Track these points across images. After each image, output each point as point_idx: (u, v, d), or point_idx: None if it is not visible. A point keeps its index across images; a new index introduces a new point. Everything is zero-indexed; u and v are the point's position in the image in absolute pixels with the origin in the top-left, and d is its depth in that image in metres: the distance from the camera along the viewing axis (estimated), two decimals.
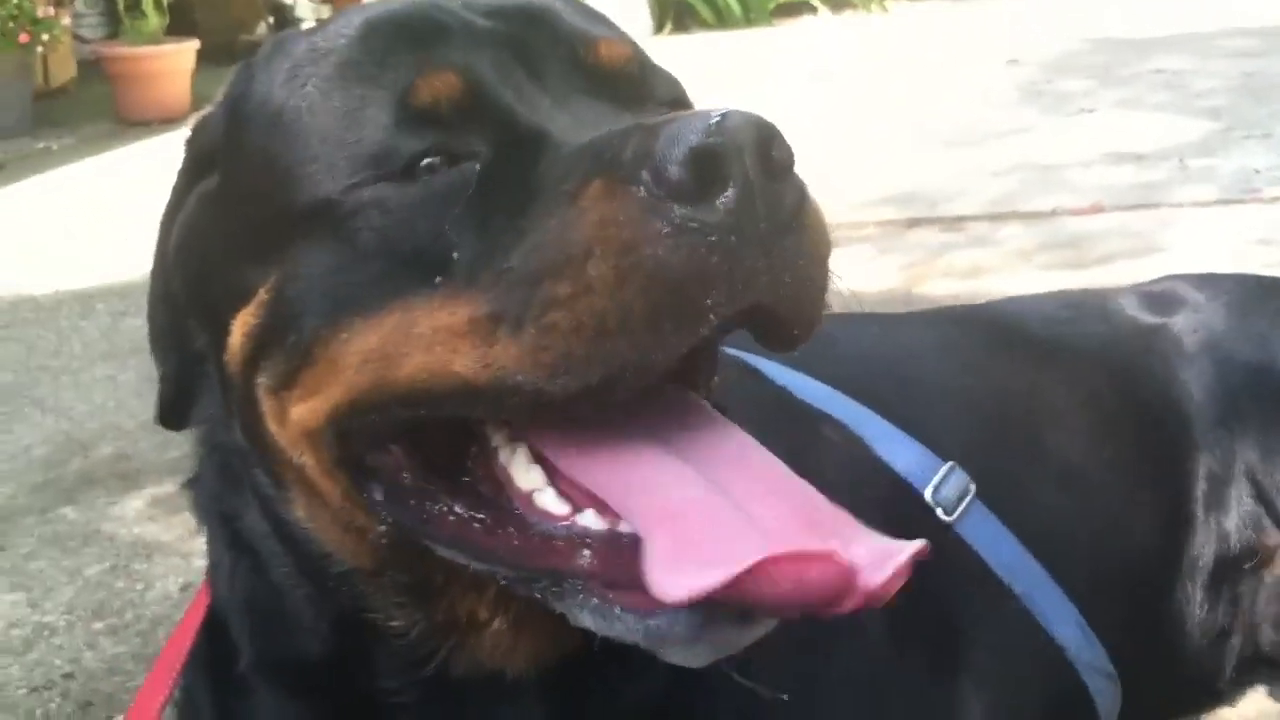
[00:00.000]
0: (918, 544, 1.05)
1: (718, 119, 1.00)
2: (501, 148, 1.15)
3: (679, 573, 1.02)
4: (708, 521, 1.07)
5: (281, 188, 1.22)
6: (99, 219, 5.85)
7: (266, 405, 1.25)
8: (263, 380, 1.24)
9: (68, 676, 2.39)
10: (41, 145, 7.94)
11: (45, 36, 8.32)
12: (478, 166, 1.15)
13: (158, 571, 2.73)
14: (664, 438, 1.16)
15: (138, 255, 1.24)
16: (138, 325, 1.29)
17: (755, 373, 1.74)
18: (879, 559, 1.04)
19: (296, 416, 1.22)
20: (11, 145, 7.89)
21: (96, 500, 3.11)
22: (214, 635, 1.49)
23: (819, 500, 1.12)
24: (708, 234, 0.99)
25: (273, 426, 1.25)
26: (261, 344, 1.23)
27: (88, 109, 8.83)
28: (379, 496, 1.22)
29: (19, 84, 8.38)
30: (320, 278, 1.18)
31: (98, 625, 2.56)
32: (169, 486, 3.10)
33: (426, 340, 1.10)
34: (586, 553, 1.10)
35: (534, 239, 1.06)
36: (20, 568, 2.82)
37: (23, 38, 8.10)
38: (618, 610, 1.07)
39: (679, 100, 1.31)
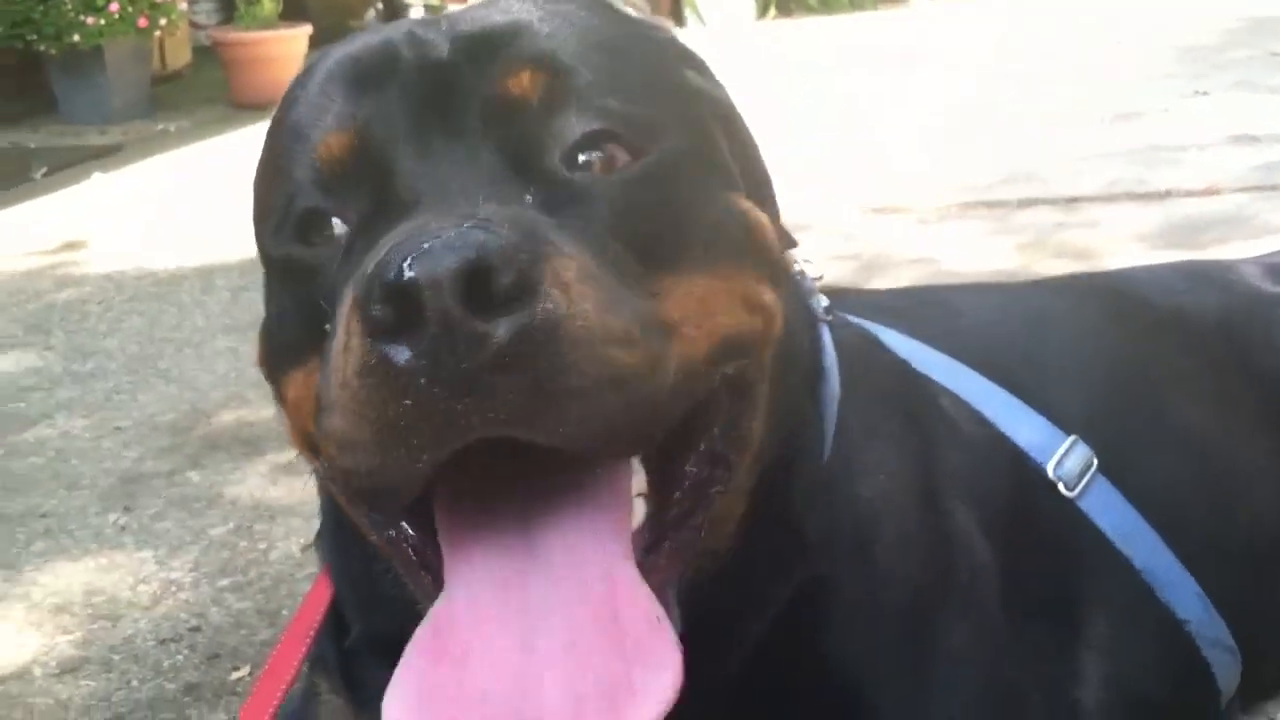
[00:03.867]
0: None
1: (418, 251, 0.95)
2: (368, 216, 1.15)
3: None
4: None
5: (258, 227, 1.30)
6: (215, 199, 5.97)
7: None
8: None
9: (194, 630, 2.47)
10: (159, 127, 8.13)
11: (163, 21, 8.49)
12: (347, 235, 1.18)
13: (279, 533, 2.80)
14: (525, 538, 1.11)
15: (252, 233, 1.29)
16: (257, 300, 1.35)
17: (876, 343, 1.74)
18: None
19: None
20: (131, 127, 8.10)
21: (220, 465, 3.19)
22: (336, 603, 1.55)
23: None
24: (397, 376, 0.96)
25: None
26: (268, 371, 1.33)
27: (202, 93, 9.02)
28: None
29: (137, 68, 8.58)
30: (274, 321, 1.28)
31: (223, 582, 2.63)
32: (289, 454, 3.18)
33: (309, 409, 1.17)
34: None
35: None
36: (148, 527, 2.91)
37: (141, 22, 8.29)
38: None
39: (606, 133, 1.19)
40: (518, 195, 1.11)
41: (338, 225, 1.18)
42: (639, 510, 1.16)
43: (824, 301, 1.53)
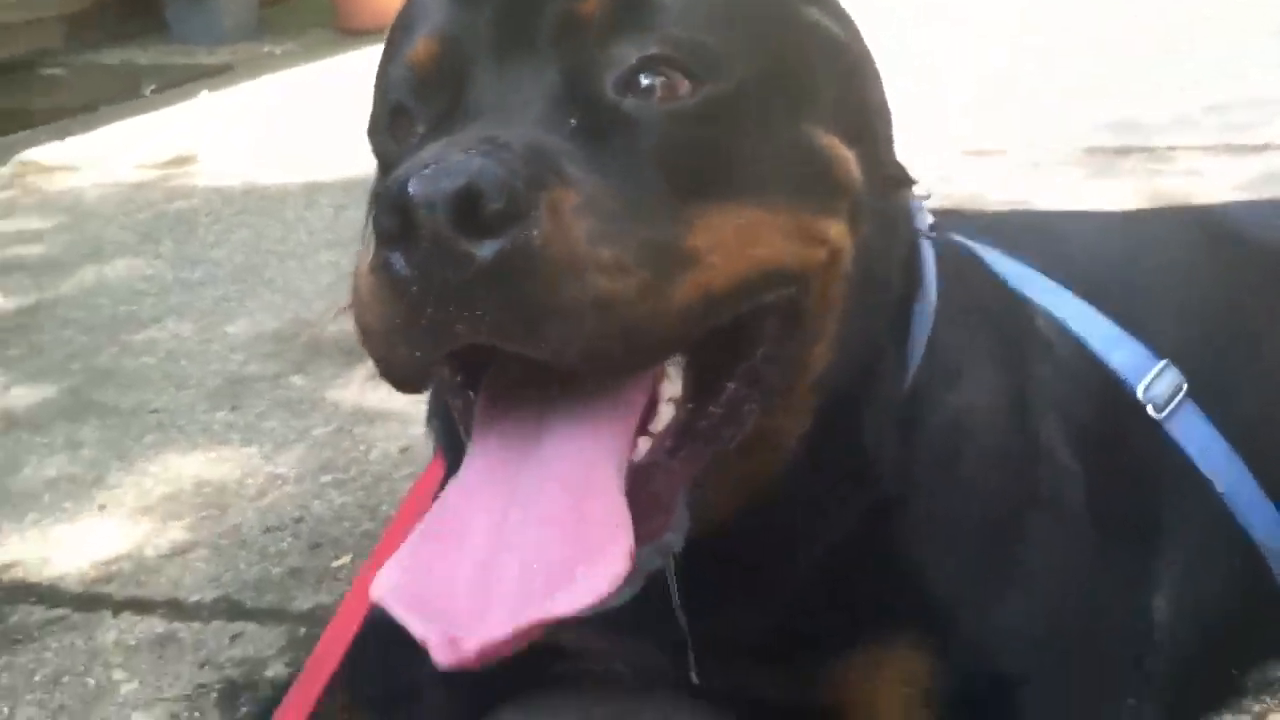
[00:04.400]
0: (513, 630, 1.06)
1: (421, 172, 1.04)
2: (437, 122, 1.22)
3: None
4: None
5: (369, 121, 1.38)
6: (320, 119, 6.09)
7: None
8: None
9: (298, 521, 2.58)
10: (267, 50, 8.26)
11: None
12: (420, 137, 1.24)
13: (379, 435, 2.90)
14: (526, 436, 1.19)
15: (355, 154, 1.38)
16: (358, 217, 1.44)
17: (976, 261, 1.77)
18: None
19: None
20: (240, 49, 8.24)
21: (322, 371, 3.30)
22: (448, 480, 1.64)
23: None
24: (395, 281, 1.06)
25: None
26: None
27: (309, 18, 9.11)
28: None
29: None
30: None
31: (325, 478, 2.74)
32: None
33: None
34: None
35: None
36: (254, 426, 3.03)
37: None
38: None
39: (663, 58, 1.21)
40: (563, 119, 1.16)
41: (420, 127, 1.25)
42: (666, 415, 1.23)
43: (929, 219, 1.58)
